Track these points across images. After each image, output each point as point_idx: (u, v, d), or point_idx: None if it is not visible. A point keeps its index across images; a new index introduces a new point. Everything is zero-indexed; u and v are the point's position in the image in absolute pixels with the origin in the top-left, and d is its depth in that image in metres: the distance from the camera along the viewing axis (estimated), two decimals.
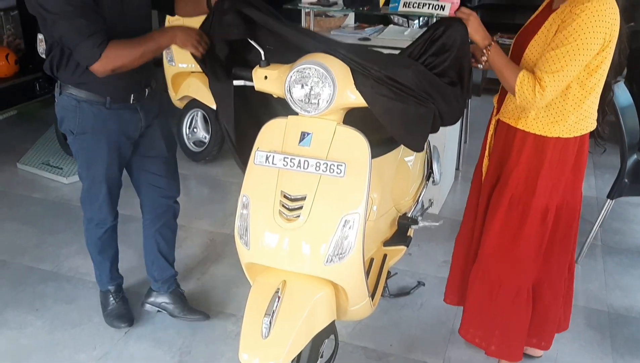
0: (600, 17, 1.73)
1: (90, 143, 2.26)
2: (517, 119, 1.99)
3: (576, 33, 1.74)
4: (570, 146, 1.96)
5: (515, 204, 2.04)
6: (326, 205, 1.74)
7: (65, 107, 2.23)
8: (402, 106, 1.79)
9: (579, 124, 1.93)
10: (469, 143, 4.48)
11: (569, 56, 1.75)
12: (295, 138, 1.81)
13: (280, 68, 1.87)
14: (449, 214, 3.54)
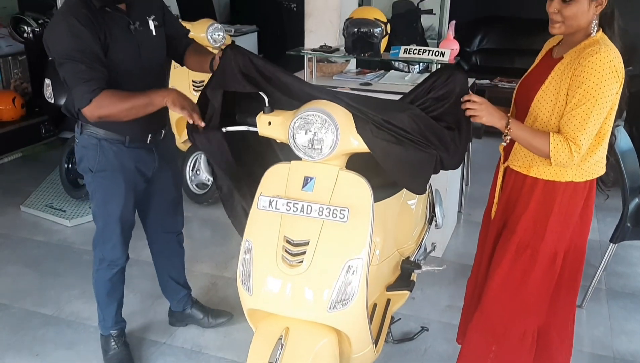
0: (611, 66, 1.77)
1: (109, 181, 2.32)
2: (529, 167, 1.99)
3: (596, 87, 1.77)
4: (579, 190, 1.97)
5: (522, 249, 2.03)
6: (329, 250, 1.75)
7: (85, 146, 2.29)
8: (403, 150, 1.82)
9: (592, 168, 1.95)
10: (471, 185, 4.50)
11: (594, 111, 1.78)
12: (298, 182, 1.83)
13: (283, 114, 1.90)
14: (452, 258, 3.52)
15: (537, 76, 1.98)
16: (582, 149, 1.81)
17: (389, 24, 3.31)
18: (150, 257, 2.79)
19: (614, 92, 1.80)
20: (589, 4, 1.81)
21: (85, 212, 4.00)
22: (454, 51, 3.11)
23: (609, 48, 1.80)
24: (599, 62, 1.77)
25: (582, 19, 1.83)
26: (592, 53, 1.78)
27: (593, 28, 1.85)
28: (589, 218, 2.05)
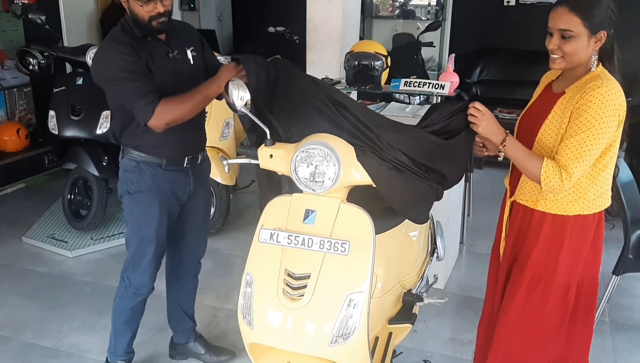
0: (612, 100, 1.79)
1: (145, 202, 2.37)
2: (536, 201, 1.99)
3: (594, 119, 1.78)
4: (589, 222, 1.97)
5: (535, 283, 2.02)
6: (330, 284, 1.75)
7: (126, 169, 2.37)
8: (404, 179, 1.84)
9: (598, 201, 1.95)
10: (473, 216, 4.50)
11: (589, 141, 1.79)
12: (299, 215, 1.83)
13: (285, 147, 1.92)
14: (455, 290, 3.50)
15: (539, 109, 1.99)
16: (573, 177, 1.81)
17: (389, 57, 3.36)
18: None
19: (613, 126, 1.81)
20: (588, 40, 1.83)
21: (87, 243, 4.01)
22: (454, 83, 3.15)
23: (610, 83, 1.82)
24: (601, 96, 1.79)
25: (582, 55, 1.85)
26: (594, 88, 1.80)
27: (593, 63, 1.87)
28: (600, 249, 2.05)
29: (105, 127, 4.07)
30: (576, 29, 1.81)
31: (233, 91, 1.95)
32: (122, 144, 2.37)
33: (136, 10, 2.19)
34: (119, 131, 2.34)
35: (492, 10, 6.85)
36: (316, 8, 4.03)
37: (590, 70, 1.88)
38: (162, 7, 2.18)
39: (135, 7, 2.18)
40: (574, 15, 1.81)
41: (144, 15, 2.18)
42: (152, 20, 2.20)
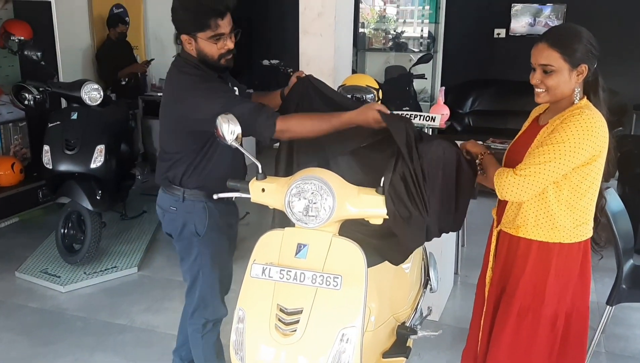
0: (589, 131, 1.83)
1: (216, 241, 2.39)
2: (518, 228, 2.03)
3: (565, 136, 1.84)
4: (574, 252, 2.00)
5: (524, 313, 2.04)
6: (323, 319, 1.74)
7: (190, 211, 2.34)
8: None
9: (578, 230, 1.98)
10: (467, 246, 4.49)
11: (552, 154, 1.85)
12: (291, 250, 1.84)
13: (277, 181, 1.94)
14: (450, 321, 3.48)
15: (523, 141, 2.05)
16: (520, 177, 1.88)
17: (380, 90, 3.39)
18: (145, 324, 2.76)
19: (584, 153, 1.84)
20: (570, 74, 1.89)
21: (80, 278, 3.98)
22: (445, 115, 3.19)
23: (592, 113, 1.87)
24: (578, 123, 1.85)
25: (565, 88, 1.91)
26: (574, 114, 1.87)
27: (576, 96, 1.93)
28: (588, 280, 2.07)
29: (100, 161, 4.08)
30: (556, 63, 1.88)
31: (223, 125, 1.95)
32: (185, 187, 2.32)
33: (206, 49, 2.19)
34: (182, 174, 2.31)
35: (483, 42, 6.98)
36: (308, 42, 4.07)
37: (573, 103, 1.93)
38: (232, 44, 2.21)
39: (205, 45, 2.18)
40: (553, 51, 1.88)
41: (214, 54, 2.19)
42: (221, 58, 2.22)
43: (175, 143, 2.31)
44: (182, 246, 2.44)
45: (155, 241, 4.67)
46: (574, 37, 1.89)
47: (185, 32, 2.20)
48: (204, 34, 2.17)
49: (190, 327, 2.56)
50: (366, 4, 7.44)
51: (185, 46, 2.24)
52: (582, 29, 1.92)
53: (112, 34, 6.22)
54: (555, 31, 1.97)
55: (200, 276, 2.43)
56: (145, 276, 4.11)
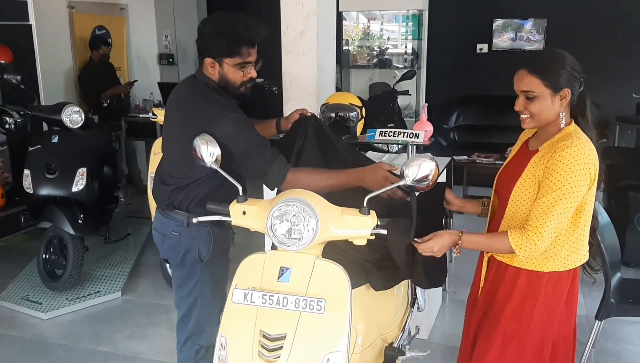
0: (582, 160, 1.81)
1: (218, 268, 2.36)
2: (512, 258, 1.99)
3: (563, 179, 1.81)
4: (563, 279, 1.97)
5: (509, 340, 2.00)
6: (307, 344, 1.70)
7: (195, 237, 2.28)
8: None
9: (572, 256, 1.95)
10: (455, 262, 4.47)
11: (559, 201, 1.82)
12: (274, 273, 1.80)
13: (258, 203, 1.90)
14: (439, 340, 3.44)
15: (514, 167, 2.02)
16: (544, 237, 1.83)
17: (364, 108, 3.39)
18: (129, 351, 2.69)
19: (583, 185, 1.83)
20: (552, 99, 1.87)
21: (62, 304, 3.90)
22: (428, 132, 3.17)
23: (581, 142, 1.84)
24: (570, 156, 1.81)
25: (549, 113, 1.89)
26: (563, 148, 1.83)
27: (562, 120, 1.90)
28: (574, 306, 2.04)
29: (81, 184, 4.03)
30: (537, 89, 1.86)
31: (201, 146, 1.92)
32: (190, 212, 2.22)
33: (230, 75, 2.19)
34: (190, 199, 2.24)
35: (466, 58, 7.03)
36: (291, 61, 4.06)
37: (561, 126, 1.91)
38: (255, 73, 2.22)
39: (230, 71, 2.18)
40: (533, 77, 1.87)
41: (236, 80, 2.20)
42: (242, 86, 2.22)
43: (186, 167, 2.20)
44: (183, 273, 2.35)
45: (139, 264, 4.60)
46: (554, 62, 1.88)
47: (211, 55, 2.18)
48: (232, 60, 2.17)
49: (182, 355, 2.47)
50: (350, 21, 7.47)
51: (206, 69, 2.21)
52: (563, 53, 1.91)
53: (94, 55, 6.19)
54: (535, 57, 1.95)
55: (199, 303, 2.36)
56: (130, 301, 4.03)
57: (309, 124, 2.36)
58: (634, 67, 6.51)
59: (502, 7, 6.88)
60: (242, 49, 2.16)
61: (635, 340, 3.43)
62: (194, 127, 2.11)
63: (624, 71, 6.51)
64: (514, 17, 6.81)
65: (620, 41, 6.47)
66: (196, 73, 2.28)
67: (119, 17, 7.01)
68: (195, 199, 2.24)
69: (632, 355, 3.29)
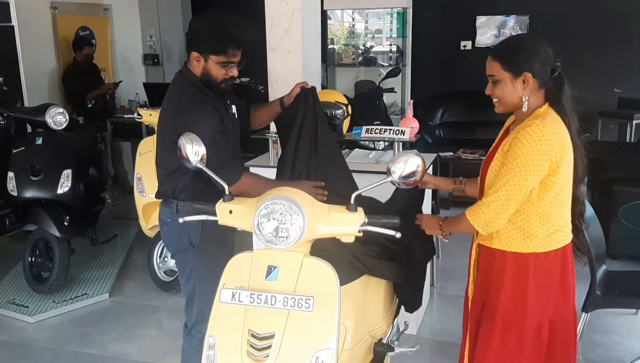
0: (542, 139, 1.86)
1: (212, 253, 2.36)
2: (491, 239, 2.04)
3: (520, 154, 1.87)
4: (551, 260, 1.99)
5: (507, 327, 2.02)
6: (296, 342, 1.69)
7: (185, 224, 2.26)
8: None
9: (552, 238, 1.97)
10: (442, 257, 4.49)
11: (513, 174, 1.88)
12: (261, 272, 1.79)
13: (245, 202, 1.89)
14: (428, 335, 3.46)
15: (493, 152, 2.07)
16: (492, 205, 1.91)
17: (350, 106, 3.39)
18: (117, 353, 2.67)
19: (541, 165, 1.87)
20: (513, 83, 1.94)
21: (49, 307, 3.87)
22: (414, 129, 3.19)
23: (545, 122, 1.89)
24: (529, 135, 1.87)
25: (512, 97, 1.96)
26: (526, 126, 1.90)
27: (524, 103, 1.96)
28: (570, 288, 2.06)
29: (67, 186, 4.00)
30: (498, 73, 1.95)
31: (186, 145, 1.92)
32: (179, 199, 2.34)
33: (213, 71, 2.25)
34: (174, 187, 2.34)
35: (450, 55, 7.06)
36: (276, 60, 4.06)
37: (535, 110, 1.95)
38: (236, 72, 2.29)
39: (213, 68, 2.25)
40: (494, 61, 1.96)
41: (218, 77, 2.26)
42: (223, 83, 2.29)
43: (168, 157, 2.30)
44: (179, 259, 2.45)
45: (127, 265, 4.57)
46: (514, 47, 1.97)
47: (198, 49, 2.24)
48: (217, 58, 2.23)
49: (185, 342, 2.52)
50: (334, 19, 7.48)
51: (191, 63, 2.29)
52: (527, 37, 2.02)
53: (78, 56, 6.14)
54: (499, 43, 2.03)
55: (197, 290, 2.42)
56: (117, 302, 4.01)
57: (309, 95, 2.47)
58: (615, 62, 6.58)
59: (485, 4, 6.93)
60: (229, 48, 2.22)
61: (621, 331, 3.47)
62: (167, 117, 2.29)
63: (606, 66, 6.58)
64: (497, 14, 6.85)
65: (602, 37, 6.53)
66: (182, 67, 2.36)
67: (102, 18, 6.96)
68: (179, 187, 2.34)
69: (619, 346, 3.33)
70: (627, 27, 6.49)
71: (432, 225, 2.17)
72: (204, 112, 2.23)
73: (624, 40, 6.50)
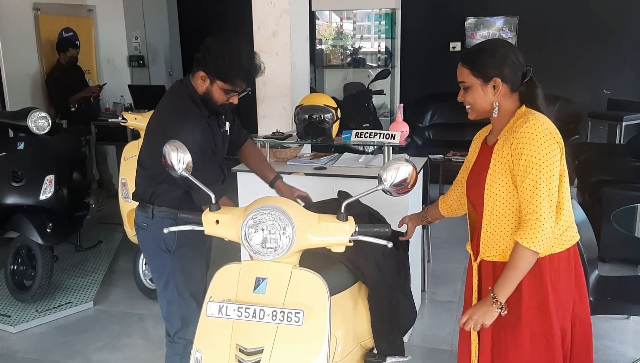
0: (544, 129, 1.81)
1: (189, 257, 2.38)
2: (505, 253, 1.92)
3: (533, 154, 1.79)
4: (564, 261, 1.92)
5: (537, 339, 1.91)
6: (286, 357, 1.65)
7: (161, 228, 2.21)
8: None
9: (565, 236, 1.92)
10: (433, 262, 4.45)
11: (540, 177, 1.79)
12: (249, 284, 1.74)
13: (232, 212, 1.84)
14: (419, 342, 3.41)
15: (480, 164, 2.00)
16: (545, 219, 1.78)
17: (339, 109, 3.34)
18: (102, 362, 2.59)
19: (556, 154, 1.81)
20: (483, 88, 1.90)
21: (32, 316, 3.77)
22: (404, 133, 3.14)
23: (537, 116, 1.85)
24: (531, 128, 1.80)
25: (483, 103, 1.92)
26: (521, 124, 1.82)
27: (495, 109, 1.91)
28: (583, 283, 2.01)
29: (50, 192, 3.92)
30: (467, 79, 1.92)
31: (172, 153, 1.86)
32: (155, 204, 2.33)
33: (216, 95, 2.26)
34: (152, 192, 2.33)
35: (439, 56, 7.04)
36: (264, 62, 4.00)
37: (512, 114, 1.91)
38: (237, 100, 2.32)
39: (216, 92, 2.26)
40: (464, 68, 1.93)
41: (218, 100, 2.28)
42: (221, 106, 2.32)
43: (150, 160, 2.31)
44: (156, 264, 2.43)
45: (112, 272, 4.48)
46: (482, 52, 1.92)
47: (207, 71, 2.24)
48: (223, 85, 2.24)
49: (169, 349, 2.47)
50: (323, 20, 7.43)
51: (196, 80, 2.28)
52: (496, 42, 1.96)
53: (62, 58, 6.04)
54: (468, 49, 2.01)
55: (177, 295, 2.39)
56: (102, 310, 3.92)
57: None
58: (604, 63, 6.59)
59: (474, 6, 6.91)
60: (237, 80, 2.25)
61: (613, 336, 3.44)
62: (161, 122, 2.31)
63: (595, 68, 6.58)
64: (486, 15, 6.84)
65: (591, 38, 6.54)
66: (184, 78, 2.36)
67: (86, 19, 6.85)
68: (157, 192, 2.33)
69: (610, 350, 3.30)
70: (616, 29, 6.50)
71: (485, 310, 1.86)
72: (196, 128, 2.23)
73: (614, 41, 6.51)
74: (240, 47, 2.26)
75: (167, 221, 2.28)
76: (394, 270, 2.32)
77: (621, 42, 6.52)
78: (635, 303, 3.00)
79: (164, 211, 2.33)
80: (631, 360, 3.08)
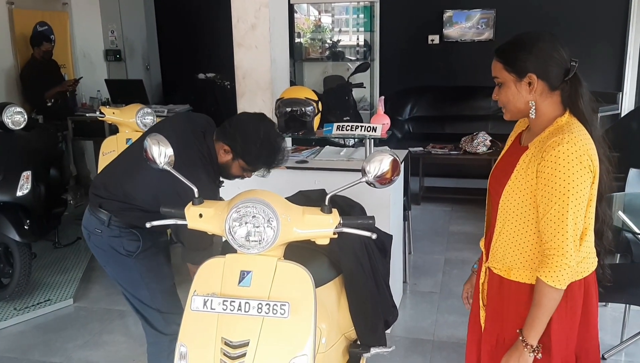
0: (578, 154, 1.61)
1: (153, 256, 2.35)
2: (509, 270, 1.79)
3: (562, 182, 1.61)
4: (575, 290, 1.73)
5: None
6: (271, 350, 1.64)
7: (118, 236, 2.28)
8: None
9: (580, 266, 1.72)
10: (414, 253, 4.48)
11: (567, 208, 1.61)
12: (234, 277, 1.73)
13: (215, 205, 1.83)
14: (401, 333, 3.43)
15: (507, 163, 1.82)
16: (569, 253, 1.62)
17: (320, 102, 3.34)
18: (82, 361, 2.57)
19: (587, 180, 1.62)
20: (517, 86, 1.71)
21: (10, 314, 3.71)
22: (386, 125, 3.15)
23: (573, 136, 1.62)
24: (562, 155, 1.60)
25: (517, 102, 1.73)
26: (554, 145, 1.62)
27: (532, 109, 1.72)
28: (594, 317, 1.83)
29: (26, 188, 3.86)
30: (501, 75, 1.73)
31: (153, 147, 1.84)
32: (116, 216, 2.27)
33: (234, 169, 2.31)
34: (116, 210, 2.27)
35: (418, 49, 7.06)
36: (244, 55, 3.98)
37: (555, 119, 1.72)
38: (251, 176, 2.38)
39: (235, 167, 2.30)
40: (497, 62, 1.74)
41: (234, 173, 2.33)
42: (232, 177, 2.37)
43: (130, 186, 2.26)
44: (116, 270, 2.38)
45: (91, 269, 4.42)
46: (519, 45, 1.72)
47: (234, 149, 2.26)
48: (246, 165, 2.28)
49: (153, 348, 2.43)
50: (301, 13, 7.40)
51: (220, 148, 2.28)
52: (535, 35, 1.74)
53: (36, 53, 5.94)
54: (505, 41, 1.78)
55: (151, 294, 2.35)
56: (82, 307, 3.88)
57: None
58: (580, 55, 6.62)
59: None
60: (260, 166, 2.31)
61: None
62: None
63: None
64: (464, 7, 6.88)
65: (568, 31, 6.60)
66: (207, 137, 2.29)
67: (61, 13, 6.74)
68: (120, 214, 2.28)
69: None
70: (592, 22, 6.57)
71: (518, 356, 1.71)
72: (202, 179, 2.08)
73: (588, 33, 6.58)
74: (274, 141, 2.27)
75: (125, 230, 2.27)
76: (374, 261, 2.33)
77: (596, 35, 6.60)
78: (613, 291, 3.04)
79: (117, 223, 2.28)
80: (609, 347, 3.13)
